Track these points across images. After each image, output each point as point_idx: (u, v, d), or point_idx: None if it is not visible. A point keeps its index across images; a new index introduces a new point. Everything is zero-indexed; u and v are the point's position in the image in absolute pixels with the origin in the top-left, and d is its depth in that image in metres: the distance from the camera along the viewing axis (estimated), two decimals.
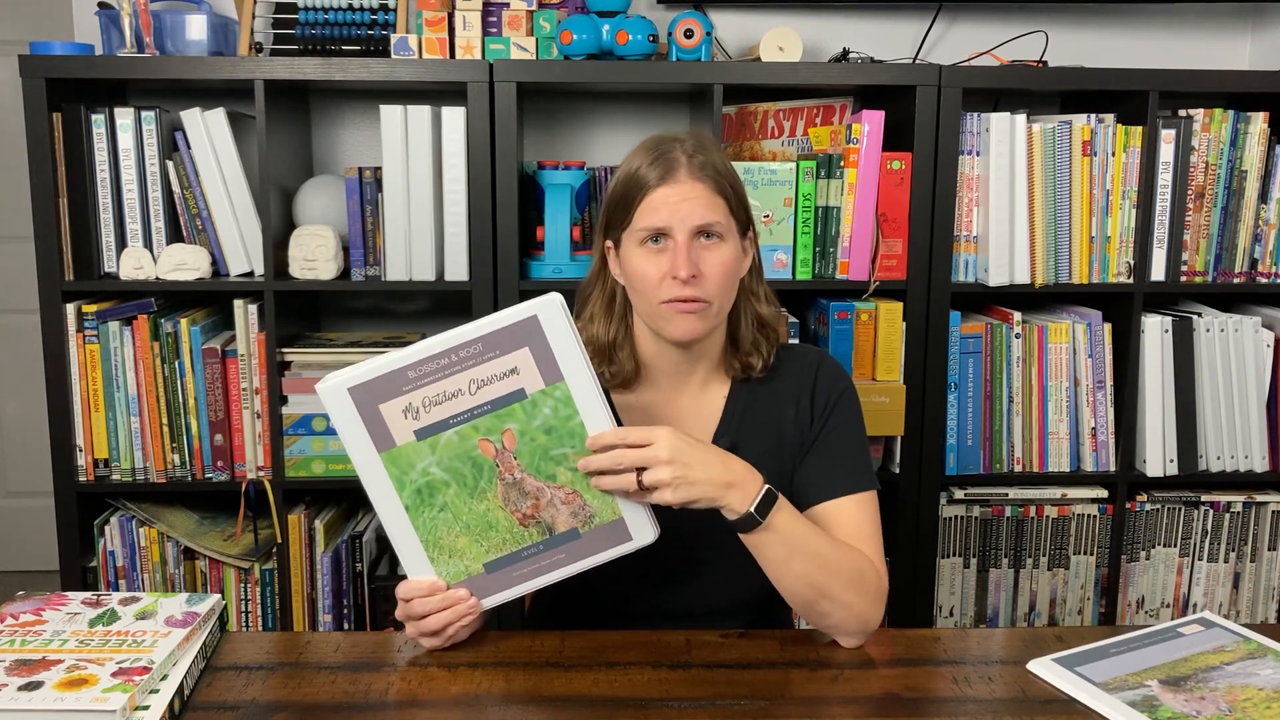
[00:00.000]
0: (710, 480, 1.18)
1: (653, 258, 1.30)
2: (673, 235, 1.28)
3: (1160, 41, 2.48)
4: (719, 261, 1.30)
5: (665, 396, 1.40)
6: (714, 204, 1.30)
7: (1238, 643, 1.24)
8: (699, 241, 1.29)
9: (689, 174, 1.30)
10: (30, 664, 1.10)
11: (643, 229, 1.30)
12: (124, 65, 2.03)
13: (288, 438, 2.10)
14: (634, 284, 1.33)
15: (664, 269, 1.28)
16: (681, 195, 1.28)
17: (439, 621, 1.21)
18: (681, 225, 1.28)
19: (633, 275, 1.32)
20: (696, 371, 1.39)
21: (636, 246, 1.31)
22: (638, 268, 1.31)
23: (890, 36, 2.43)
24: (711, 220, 1.29)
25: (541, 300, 1.14)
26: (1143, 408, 2.20)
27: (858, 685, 1.17)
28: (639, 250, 1.31)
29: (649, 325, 1.35)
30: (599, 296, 1.41)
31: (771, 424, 1.39)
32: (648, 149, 1.33)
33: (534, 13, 2.13)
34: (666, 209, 1.28)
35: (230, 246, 2.12)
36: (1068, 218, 2.15)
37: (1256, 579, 2.30)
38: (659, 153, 1.31)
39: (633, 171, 1.32)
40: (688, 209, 1.28)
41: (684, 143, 1.33)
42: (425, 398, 1.14)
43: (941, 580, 2.25)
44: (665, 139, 1.34)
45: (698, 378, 1.40)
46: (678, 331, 1.31)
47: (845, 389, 1.41)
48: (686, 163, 1.30)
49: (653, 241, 1.30)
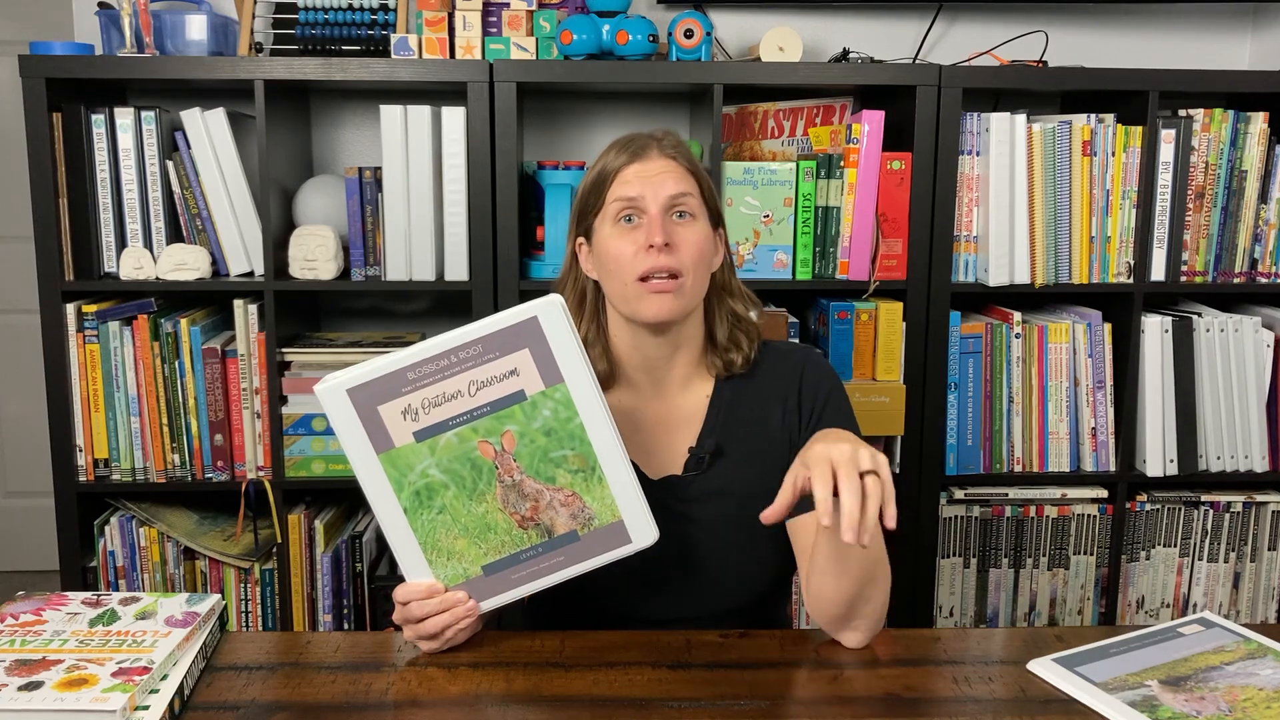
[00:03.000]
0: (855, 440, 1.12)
1: (627, 234, 1.32)
2: (646, 209, 1.31)
3: (1160, 41, 2.48)
4: (692, 238, 1.32)
5: (645, 398, 1.40)
6: (685, 179, 1.34)
7: (1238, 643, 1.24)
8: (671, 218, 1.32)
9: (660, 152, 1.34)
10: (30, 664, 1.10)
11: (616, 201, 1.32)
12: (124, 65, 2.03)
13: (288, 438, 2.10)
14: (608, 266, 1.33)
15: (639, 243, 1.30)
16: (653, 170, 1.33)
17: (437, 624, 1.21)
18: (655, 196, 1.31)
19: (607, 256, 1.33)
20: (675, 369, 1.39)
21: (610, 227, 1.33)
22: (611, 247, 1.32)
23: (890, 36, 2.43)
24: (684, 190, 1.32)
25: (542, 302, 1.14)
26: (1143, 408, 2.20)
27: (858, 685, 1.17)
28: (613, 229, 1.33)
29: (622, 311, 1.35)
30: (570, 295, 1.41)
31: (758, 423, 1.39)
32: (616, 144, 1.38)
33: (534, 13, 2.13)
34: (639, 181, 1.32)
35: (230, 246, 2.12)
36: (1068, 218, 2.15)
37: (1256, 579, 2.30)
38: (628, 141, 1.36)
39: (603, 163, 1.36)
40: (660, 180, 1.32)
41: (653, 133, 1.38)
42: (424, 399, 1.14)
43: (941, 580, 2.25)
44: (633, 134, 1.39)
45: (677, 375, 1.39)
46: (651, 311, 1.30)
47: (833, 387, 1.40)
48: (657, 145, 1.35)
49: (626, 221, 1.32)
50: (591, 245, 1.37)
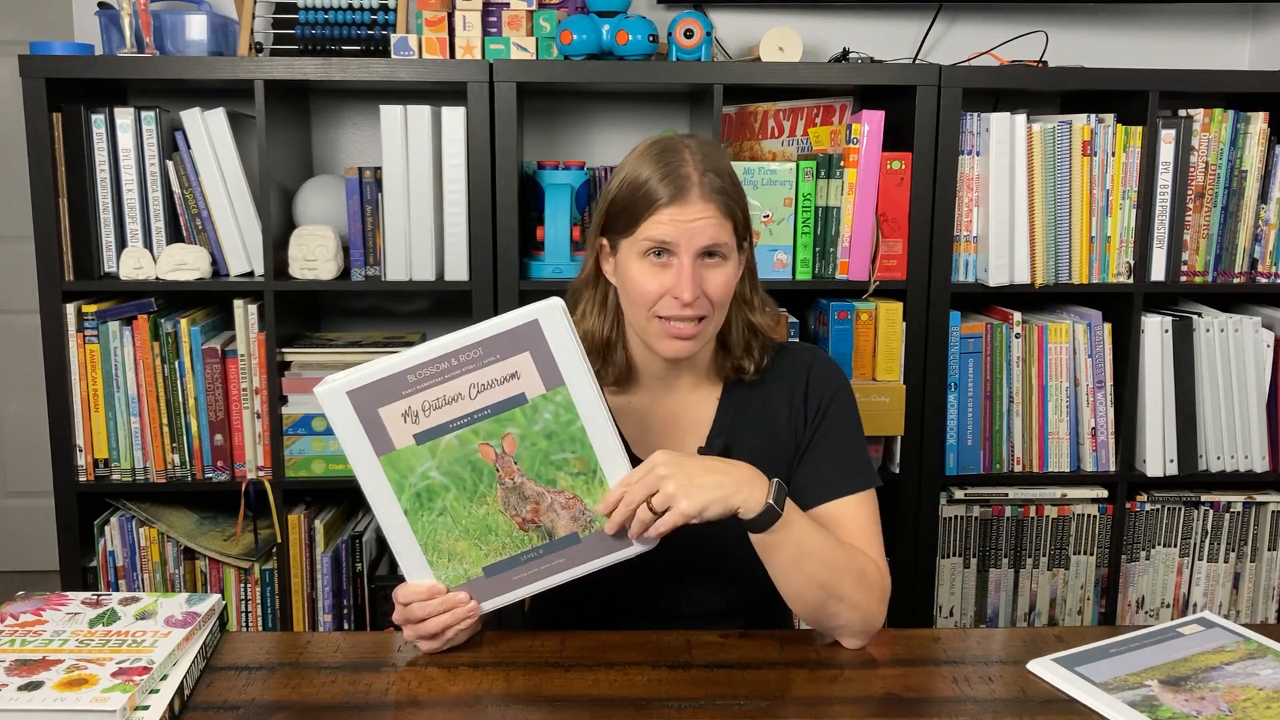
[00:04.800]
0: (718, 482, 1.17)
1: (654, 272, 1.29)
2: (678, 254, 1.27)
3: (1160, 41, 2.48)
4: (721, 282, 1.30)
5: (655, 399, 1.40)
6: (723, 226, 1.29)
7: (1238, 643, 1.24)
8: (702, 261, 1.28)
9: (700, 194, 1.27)
10: (30, 664, 1.10)
11: (648, 240, 1.28)
12: (124, 65, 2.03)
13: (288, 438, 2.10)
14: (629, 294, 1.32)
15: (665, 285, 1.28)
16: (691, 216, 1.27)
17: (438, 625, 1.21)
18: (689, 245, 1.27)
19: (630, 285, 1.31)
20: (684, 375, 1.40)
21: (638, 257, 1.30)
22: (636, 279, 1.30)
23: (890, 36, 2.43)
24: (719, 242, 1.29)
25: (543, 305, 1.13)
26: (1143, 408, 2.20)
27: (858, 685, 1.17)
28: (639, 261, 1.30)
29: (637, 335, 1.35)
30: (593, 294, 1.40)
31: (765, 425, 1.39)
32: (655, 158, 1.30)
33: (534, 13, 2.13)
34: (674, 227, 1.27)
35: (230, 246, 2.12)
36: (1068, 218, 2.15)
37: (1256, 579, 2.30)
38: (669, 166, 1.28)
39: (642, 181, 1.29)
40: (697, 229, 1.27)
41: (693, 152, 1.30)
42: (425, 402, 1.14)
43: (941, 580, 2.25)
44: (672, 145, 1.31)
45: (686, 381, 1.40)
46: (668, 351, 1.31)
47: (839, 387, 1.40)
48: (699, 181, 1.28)
49: (655, 255, 1.29)
50: (615, 255, 1.34)
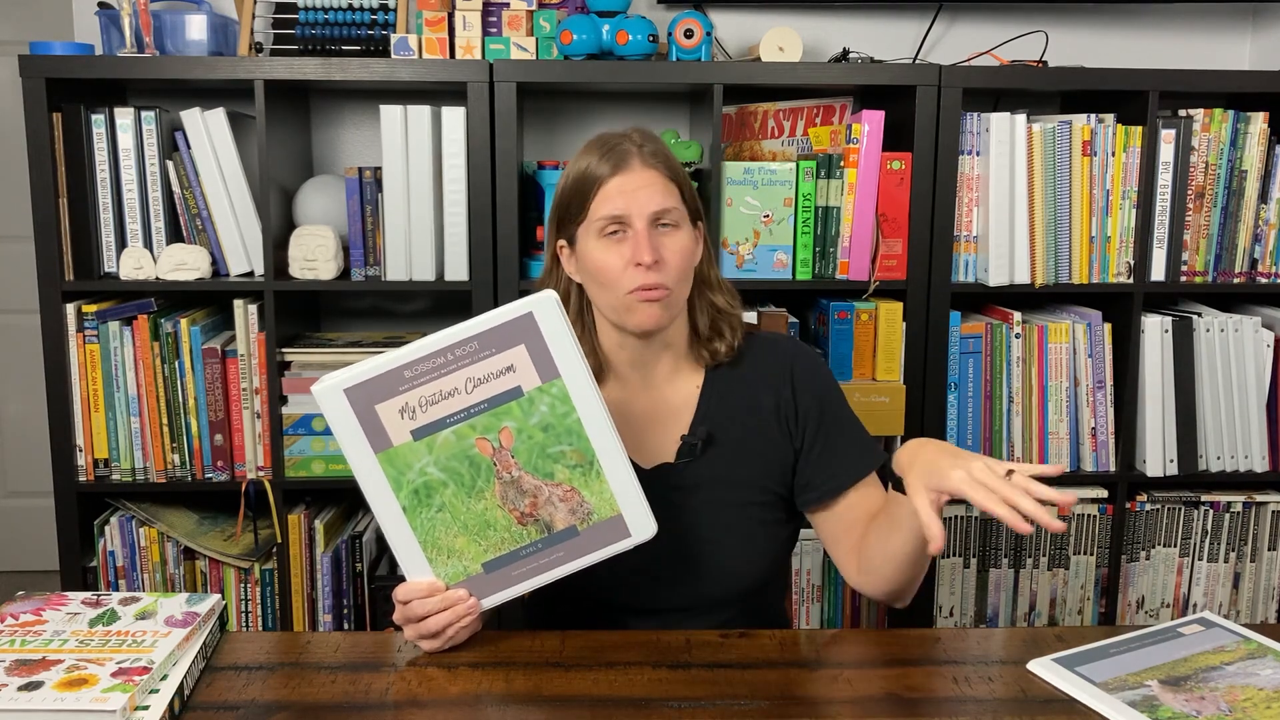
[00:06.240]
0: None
1: (613, 247, 1.32)
2: (631, 223, 1.31)
3: (1160, 41, 2.48)
4: (677, 248, 1.33)
5: (633, 391, 1.41)
6: (669, 190, 1.33)
7: (1238, 643, 1.23)
8: (656, 229, 1.32)
9: (641, 162, 1.33)
10: (30, 664, 1.10)
11: (601, 218, 1.32)
12: (124, 65, 2.03)
13: (288, 438, 2.10)
14: (596, 278, 1.34)
15: (626, 257, 1.31)
16: (637, 184, 1.31)
17: (438, 623, 1.21)
18: (640, 212, 1.31)
19: (594, 269, 1.33)
20: (661, 364, 1.41)
21: (595, 239, 1.33)
22: (599, 259, 1.32)
23: (890, 36, 2.43)
24: (668, 206, 1.32)
25: (536, 298, 1.14)
26: (1143, 408, 2.19)
27: (858, 685, 1.17)
28: (598, 243, 1.33)
29: (611, 319, 1.36)
30: None
31: (750, 410, 1.41)
32: (594, 146, 1.36)
33: (534, 13, 2.13)
34: (623, 197, 1.31)
35: (230, 246, 2.12)
36: (1068, 218, 2.15)
37: (1256, 579, 2.30)
38: (608, 147, 1.34)
39: (583, 169, 1.34)
40: (645, 196, 1.31)
41: (630, 136, 1.36)
42: (421, 397, 1.14)
43: (941, 580, 2.25)
44: (610, 135, 1.37)
45: (663, 370, 1.41)
46: (643, 321, 1.32)
47: (826, 376, 1.44)
48: (637, 152, 1.33)
49: (611, 233, 1.32)
50: (575, 251, 1.37)
